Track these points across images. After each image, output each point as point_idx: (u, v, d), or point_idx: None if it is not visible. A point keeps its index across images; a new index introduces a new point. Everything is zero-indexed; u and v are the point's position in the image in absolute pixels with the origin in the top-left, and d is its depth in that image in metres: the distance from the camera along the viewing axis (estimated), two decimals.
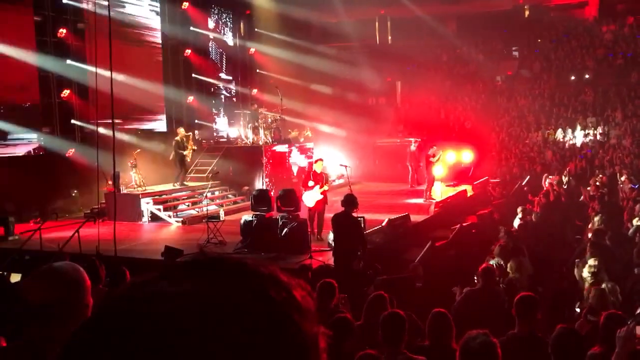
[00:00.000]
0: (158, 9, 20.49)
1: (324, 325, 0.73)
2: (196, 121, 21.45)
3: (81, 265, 2.11)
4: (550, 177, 17.32)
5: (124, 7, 18.74)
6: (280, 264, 10.15)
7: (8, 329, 3.63)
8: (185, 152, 16.26)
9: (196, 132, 16.90)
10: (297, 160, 11.38)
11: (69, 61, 17.06)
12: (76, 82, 17.21)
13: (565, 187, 16.72)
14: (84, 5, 17.31)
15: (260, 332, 0.64)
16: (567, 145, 23.63)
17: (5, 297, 6.29)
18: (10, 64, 15.30)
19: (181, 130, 16.51)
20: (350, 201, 8.51)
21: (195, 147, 16.88)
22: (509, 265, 7.99)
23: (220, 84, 23.61)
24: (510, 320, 5.76)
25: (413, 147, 19.04)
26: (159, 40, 20.61)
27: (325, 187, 11.62)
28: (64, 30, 17.07)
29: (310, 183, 11.73)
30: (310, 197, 11.52)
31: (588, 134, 23.66)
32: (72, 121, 17.33)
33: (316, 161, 12.02)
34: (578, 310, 6.69)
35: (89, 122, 16.86)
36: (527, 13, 33.16)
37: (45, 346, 1.89)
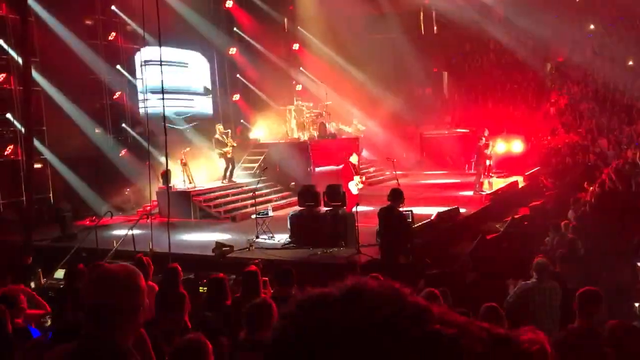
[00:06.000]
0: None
1: None
2: (242, 121, 21.62)
3: (130, 263, 2.14)
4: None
5: None
6: (328, 259, 10.18)
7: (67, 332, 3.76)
8: (226, 149, 16.39)
9: (228, 130, 16.96)
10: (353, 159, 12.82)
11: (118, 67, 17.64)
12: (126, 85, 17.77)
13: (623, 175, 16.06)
14: None
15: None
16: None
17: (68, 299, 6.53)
18: None
19: (220, 127, 16.62)
20: (396, 195, 8.45)
21: (235, 144, 16.86)
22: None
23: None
24: (566, 314, 5.59)
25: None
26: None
27: (363, 178, 12.72)
28: (114, 34, 17.55)
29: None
30: (354, 187, 12.31)
31: None
32: (123, 125, 17.84)
33: (351, 154, 12.88)
34: (638, 305, 6.43)
35: (139, 125, 17.32)
36: None
37: (98, 346, 1.93)
